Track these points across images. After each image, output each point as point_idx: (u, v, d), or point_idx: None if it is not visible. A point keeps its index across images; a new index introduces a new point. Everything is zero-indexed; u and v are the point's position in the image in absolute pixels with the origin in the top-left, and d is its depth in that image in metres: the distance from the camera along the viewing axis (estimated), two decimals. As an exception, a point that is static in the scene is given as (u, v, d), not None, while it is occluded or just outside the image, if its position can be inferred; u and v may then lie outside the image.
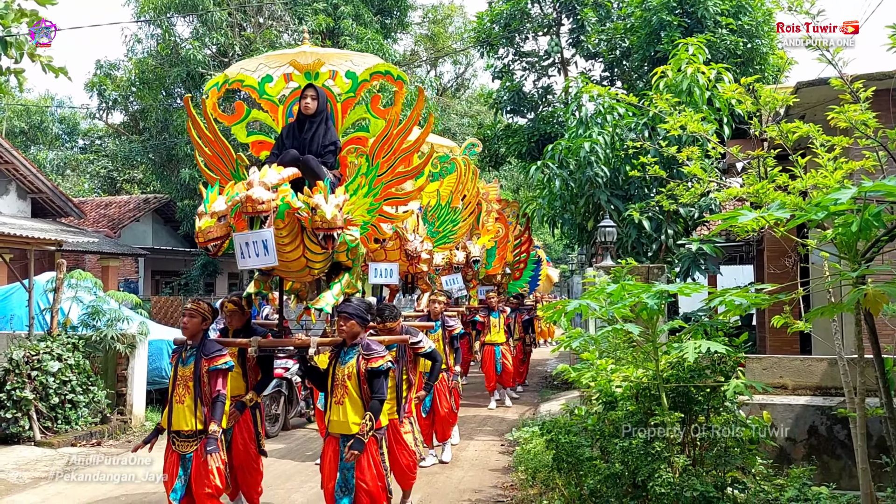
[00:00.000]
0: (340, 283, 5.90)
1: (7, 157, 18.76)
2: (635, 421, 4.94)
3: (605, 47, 17.90)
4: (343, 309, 5.49)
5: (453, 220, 10.23)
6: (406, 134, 6.01)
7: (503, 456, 9.37)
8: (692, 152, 7.89)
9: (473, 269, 12.60)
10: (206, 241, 5.12)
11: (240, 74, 6.57)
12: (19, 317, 12.47)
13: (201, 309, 5.75)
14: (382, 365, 5.34)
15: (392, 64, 6.65)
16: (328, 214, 5.16)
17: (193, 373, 5.56)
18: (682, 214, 11.20)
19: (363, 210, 6.02)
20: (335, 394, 5.42)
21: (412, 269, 9.00)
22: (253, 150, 6.65)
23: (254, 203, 4.89)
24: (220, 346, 5.69)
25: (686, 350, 4.27)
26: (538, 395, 14.64)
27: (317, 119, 6.13)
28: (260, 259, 5.03)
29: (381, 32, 23.98)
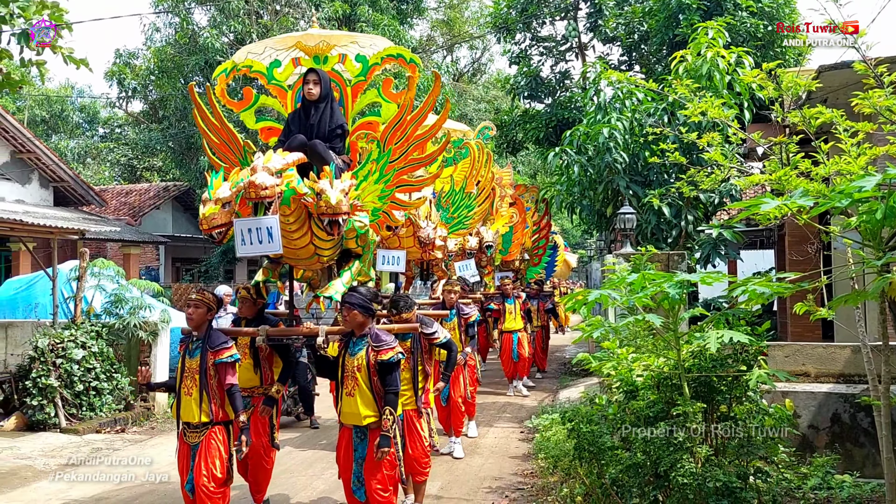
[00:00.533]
0: (350, 271, 5.81)
1: (29, 147, 18.94)
2: (656, 411, 4.93)
3: (622, 31, 17.75)
4: (346, 299, 5.38)
5: (468, 205, 10.16)
6: (421, 120, 5.90)
7: (523, 443, 9.39)
8: (713, 138, 7.84)
9: (487, 255, 12.54)
10: (209, 228, 4.99)
11: (248, 60, 6.47)
12: (43, 305, 12.61)
13: (206, 299, 5.63)
14: (392, 357, 5.23)
15: (407, 49, 6.53)
16: (333, 199, 5.06)
17: (199, 365, 5.48)
18: (702, 200, 11.11)
19: (374, 197, 5.94)
20: (346, 385, 5.34)
21: (426, 256, 8.91)
22: (262, 136, 6.59)
23: (257, 189, 4.80)
24: (225, 339, 5.59)
25: (708, 340, 4.25)
26: (557, 382, 14.63)
27: (322, 103, 6.03)
28: (263, 246, 4.93)
29: (398, 18, 23.94)
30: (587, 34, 19.20)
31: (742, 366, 4.96)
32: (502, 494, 7.22)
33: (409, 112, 5.84)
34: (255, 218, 4.89)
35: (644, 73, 17.30)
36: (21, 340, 11.90)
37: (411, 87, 5.89)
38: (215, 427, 5.50)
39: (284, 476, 7.76)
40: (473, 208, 10.21)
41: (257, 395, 6.46)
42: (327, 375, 5.65)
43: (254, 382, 6.44)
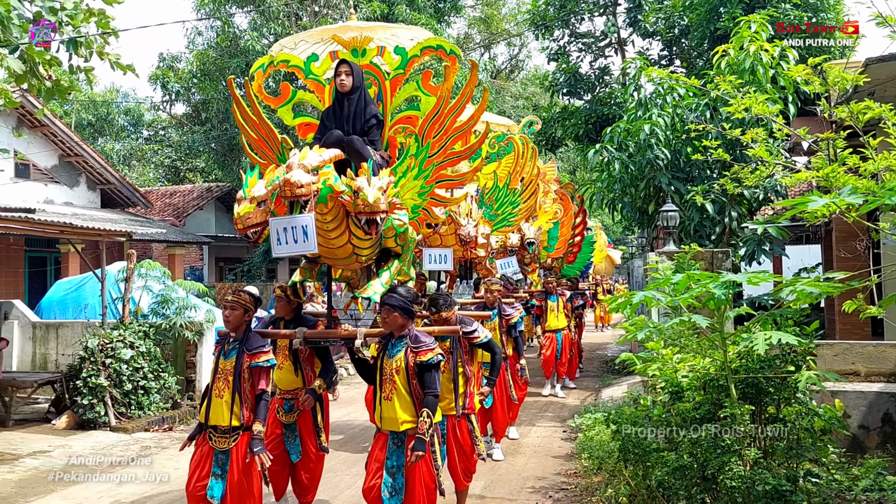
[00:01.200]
0: (389, 271, 5.60)
1: (77, 150, 19.35)
2: (703, 412, 4.89)
3: (662, 26, 17.60)
4: (386, 300, 5.14)
5: (512, 202, 9.93)
6: (458, 112, 5.63)
7: (565, 443, 9.37)
8: (757, 134, 7.73)
9: (530, 252, 12.25)
10: (244, 227, 4.82)
11: (285, 54, 6.27)
12: (93, 306, 12.89)
13: (242, 300, 5.46)
14: (432, 358, 5.00)
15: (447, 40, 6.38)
16: (370, 197, 4.85)
17: (234, 367, 5.30)
18: (746, 196, 10.97)
19: (413, 193, 5.72)
20: (384, 389, 5.11)
21: (468, 254, 8.66)
22: (299, 132, 6.45)
23: (292, 187, 4.65)
24: (263, 342, 5.44)
25: (756, 341, 4.21)
26: (599, 381, 14.55)
27: (354, 95, 5.84)
28: (299, 245, 4.76)
29: (435, 17, 23.97)
30: (626, 29, 19.08)
31: (790, 366, 4.90)
32: (546, 494, 7.21)
33: (447, 104, 5.60)
34: (290, 217, 4.76)
35: (685, 68, 17.13)
36: (71, 340, 12.18)
37: (449, 77, 5.68)
38: (245, 433, 5.30)
39: (329, 475, 7.83)
40: (518, 205, 9.97)
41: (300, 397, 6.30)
42: (366, 379, 5.48)
43: (296, 384, 6.32)
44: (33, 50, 6.92)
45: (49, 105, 15.25)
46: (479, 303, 8.93)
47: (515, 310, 9.01)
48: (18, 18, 6.71)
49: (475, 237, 8.41)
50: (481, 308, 8.61)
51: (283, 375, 6.27)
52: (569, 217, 14.29)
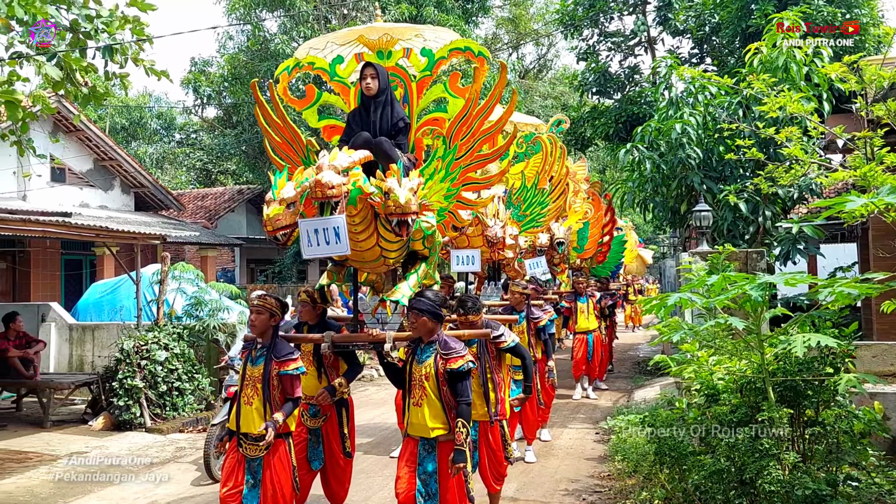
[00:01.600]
0: (417, 274, 5.48)
1: (111, 154, 19.63)
2: (740, 415, 4.84)
3: (693, 24, 17.45)
4: (414, 304, 5.06)
5: (541, 202, 9.82)
6: (487, 114, 5.51)
7: (598, 445, 9.32)
8: (791, 133, 7.65)
9: (559, 252, 12.09)
10: (274, 229, 4.78)
11: (310, 57, 6.21)
12: (128, 308, 13.07)
13: (268, 304, 5.34)
14: (463, 366, 4.89)
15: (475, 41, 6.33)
16: (402, 199, 4.78)
17: (263, 374, 5.21)
18: (780, 195, 10.84)
19: (440, 196, 5.64)
20: (413, 394, 5.03)
21: (495, 255, 8.62)
22: (324, 134, 6.35)
23: (323, 188, 4.57)
24: (291, 348, 5.37)
25: (794, 343, 4.16)
26: (631, 382, 14.45)
27: (381, 98, 5.75)
28: (331, 247, 4.71)
29: (463, 18, 23.98)
30: (656, 28, 18.92)
31: (829, 368, 4.84)
32: (579, 497, 7.18)
33: (475, 106, 5.48)
34: (321, 218, 4.70)
35: (716, 66, 16.96)
36: (107, 342, 12.36)
37: (477, 79, 5.59)
38: (276, 440, 5.21)
39: (362, 476, 7.87)
40: (547, 205, 9.85)
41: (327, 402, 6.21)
42: (395, 383, 5.41)
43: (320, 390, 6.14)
44: (70, 57, 7.04)
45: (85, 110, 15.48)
46: (506, 305, 8.73)
47: (545, 312, 8.83)
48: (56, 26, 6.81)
49: (502, 238, 8.37)
50: (508, 311, 8.47)
51: (306, 381, 6.08)
52: (599, 217, 14.14)
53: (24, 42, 6.79)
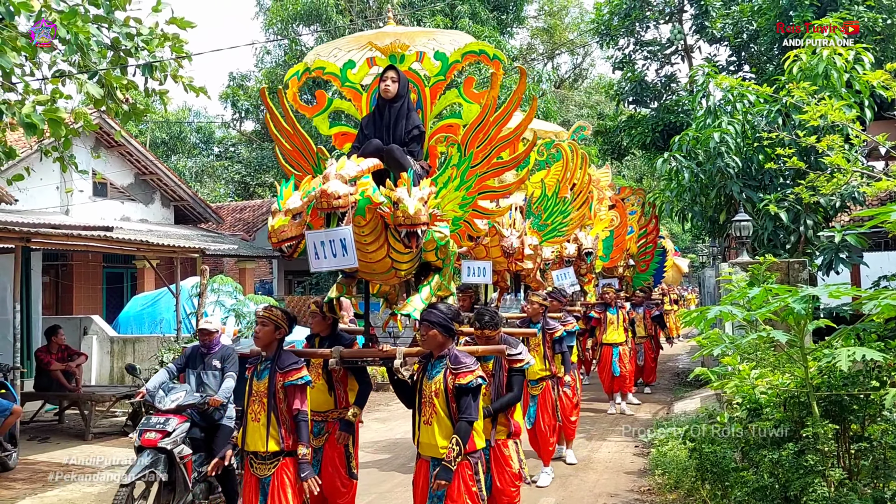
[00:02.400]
0: (430, 286, 5.29)
1: (152, 168, 19.96)
2: (784, 431, 4.74)
3: (730, 31, 17.26)
4: (425, 317, 4.82)
5: (562, 211, 9.52)
6: (505, 120, 5.29)
7: (638, 458, 9.20)
8: (833, 141, 7.52)
9: (587, 262, 11.98)
10: (279, 241, 4.58)
11: (320, 61, 5.99)
12: (168, 320, 13.23)
13: (273, 316, 5.13)
14: (472, 381, 4.64)
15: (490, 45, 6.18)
16: (411, 209, 4.57)
17: (268, 388, 5.00)
18: (821, 204, 10.65)
19: (454, 205, 5.43)
20: (423, 412, 4.79)
21: (513, 266, 8.36)
22: (336, 142, 6.13)
23: (329, 198, 4.41)
24: (296, 359, 5.13)
25: (838, 357, 4.07)
26: (671, 394, 14.27)
27: (398, 104, 5.56)
28: (337, 260, 4.54)
29: (498, 29, 24.00)
30: (693, 36, 18.78)
31: (874, 382, 4.72)
32: (619, 511, 7.10)
33: (493, 112, 5.26)
34: (328, 230, 4.53)
35: (754, 73, 16.77)
36: (147, 354, 12.52)
37: (494, 85, 5.34)
38: (286, 459, 5.02)
39: (374, 497, 7.85)
40: (569, 214, 9.54)
41: (332, 419, 5.98)
42: (405, 402, 5.11)
43: (328, 406, 5.97)
44: (111, 75, 7.18)
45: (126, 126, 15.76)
46: (524, 318, 8.37)
47: (565, 323, 8.53)
48: (97, 45, 6.95)
49: (519, 248, 8.11)
50: (526, 323, 8.17)
51: (315, 395, 5.81)
52: (624, 225, 14.00)
53: (67, 60, 6.93)
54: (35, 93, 6.87)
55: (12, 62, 5.93)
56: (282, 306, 5.43)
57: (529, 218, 9.33)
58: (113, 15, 7.14)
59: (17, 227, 9.85)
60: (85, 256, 18.25)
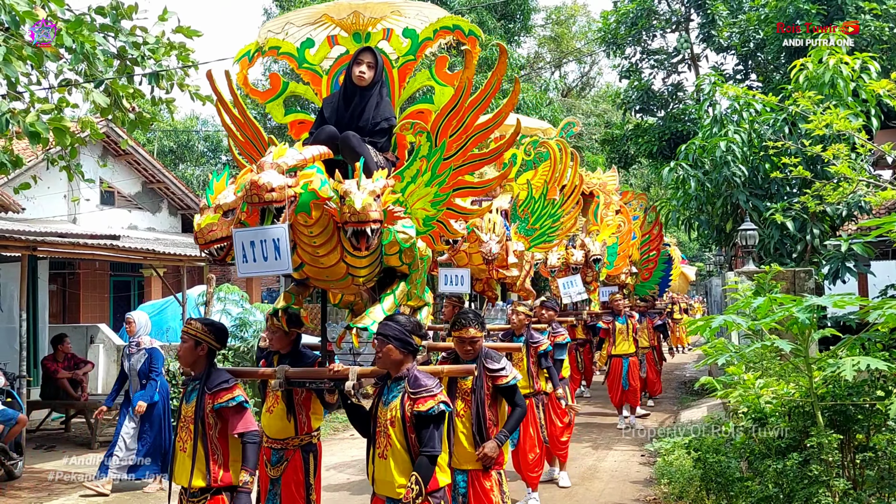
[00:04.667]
0: (394, 295, 4.58)
1: (159, 177, 20.04)
2: (788, 440, 4.72)
3: (737, 40, 17.27)
4: (380, 329, 4.11)
5: (552, 214, 8.80)
6: (483, 105, 4.55)
7: (644, 467, 9.17)
8: (839, 150, 7.50)
9: (594, 270, 11.56)
10: (206, 242, 4.08)
11: (274, 40, 5.23)
12: (174, 329, 13.25)
13: (192, 330, 4.44)
14: (433, 408, 3.87)
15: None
16: (357, 203, 3.85)
17: (195, 412, 4.30)
18: (828, 213, 10.62)
19: (425, 203, 4.71)
20: (378, 444, 4.04)
21: (497, 274, 7.78)
22: (292, 131, 5.37)
23: (260, 190, 3.71)
24: (227, 377, 4.40)
25: (843, 367, 4.05)
26: (677, 402, 14.23)
27: (370, 91, 4.85)
28: (269, 264, 3.88)
29: (505, 38, 24.05)
30: (700, 45, 18.81)
31: (880, 392, 4.70)
32: (624, 521, 7.06)
33: (468, 95, 4.51)
34: (258, 228, 3.89)
35: (761, 82, 16.77)
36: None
37: (469, 64, 4.58)
38: (216, 497, 4.29)
39: None
40: (559, 217, 8.81)
41: (292, 447, 5.29)
42: (361, 431, 4.34)
43: (287, 432, 5.27)
44: (117, 84, 7.22)
45: (132, 135, 15.84)
46: (507, 330, 7.71)
47: (556, 335, 8.02)
48: (103, 54, 6.99)
49: (501, 255, 7.56)
50: (509, 336, 7.53)
51: (272, 421, 5.30)
52: (629, 230, 13.59)
53: (73, 69, 6.97)
54: (41, 101, 6.91)
55: (18, 71, 5.97)
56: (206, 320, 4.68)
57: (515, 222, 8.76)
58: (119, 24, 7.19)
59: (24, 236, 9.90)
60: (92, 265, 18.31)
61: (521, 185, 8.95)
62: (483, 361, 5.02)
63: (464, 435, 5.05)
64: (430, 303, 5.10)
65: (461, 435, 5.04)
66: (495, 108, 4.82)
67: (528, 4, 25.41)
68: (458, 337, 5.05)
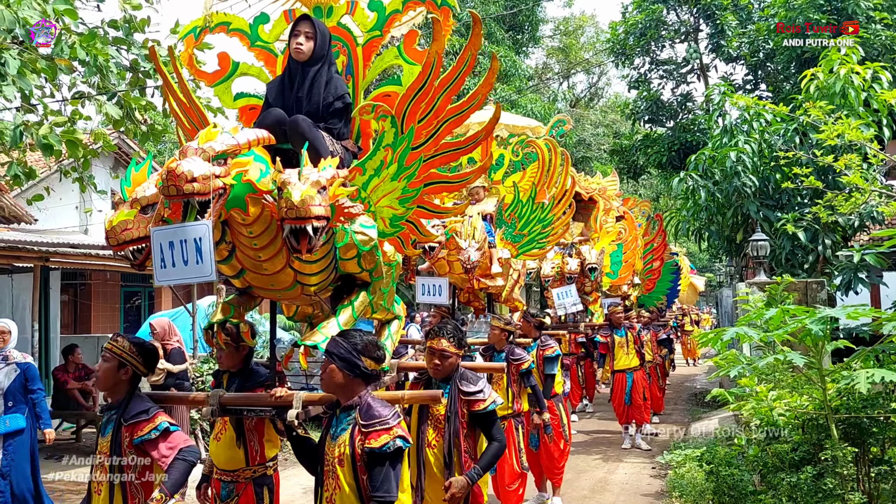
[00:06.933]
0: (352, 307, 3.95)
1: (168, 189, 20.08)
2: (802, 453, 4.69)
3: (746, 50, 17.29)
4: (328, 347, 3.44)
5: (541, 218, 8.17)
6: (455, 85, 3.89)
7: (655, 480, 9.11)
8: (850, 160, 7.48)
9: (591, 279, 11.08)
10: (119, 243, 3.45)
11: (223, 15, 4.56)
12: (185, 340, 13.25)
13: (117, 349, 3.76)
14: (387, 445, 3.19)
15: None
16: (295, 196, 3.23)
17: (110, 446, 3.64)
18: (840, 223, 10.58)
19: (392, 199, 4.07)
20: (325, 484, 3.38)
21: (477, 284, 7.23)
22: (242, 118, 4.71)
23: (179, 180, 3.07)
24: (148, 406, 3.71)
25: (857, 379, 4.03)
26: (688, 414, 14.14)
27: (314, 67, 4.19)
28: (189, 269, 3.24)
29: (513, 49, 24.12)
30: (709, 55, 18.82)
31: (894, 404, 4.67)
32: (636, 534, 7.01)
33: (437, 73, 3.86)
34: (177, 226, 3.23)
35: (771, 92, 16.76)
36: (164, 374, 12.55)
37: (437, 36, 3.95)
38: None
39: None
40: (549, 222, 8.14)
41: (243, 479, 4.58)
42: (308, 467, 3.65)
43: (237, 462, 4.55)
44: (129, 96, 7.27)
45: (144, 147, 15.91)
46: (487, 344, 6.92)
47: (545, 348, 7.34)
48: (116, 67, 7.04)
49: (482, 263, 7.02)
50: (490, 352, 6.75)
51: (220, 449, 4.63)
52: (634, 238, 13.09)
53: (87, 82, 7.03)
54: (54, 114, 6.97)
55: (32, 84, 6.02)
56: (136, 339, 4.01)
57: (501, 227, 8.16)
58: (132, 37, 7.24)
59: (37, 247, 9.95)
60: (103, 275, 18.36)
61: (508, 187, 8.40)
62: (458, 383, 4.38)
63: (437, 469, 4.38)
64: (400, 316, 4.52)
65: (434, 469, 4.38)
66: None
67: (537, 15, 25.53)
68: (428, 348, 4.47)
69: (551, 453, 7.48)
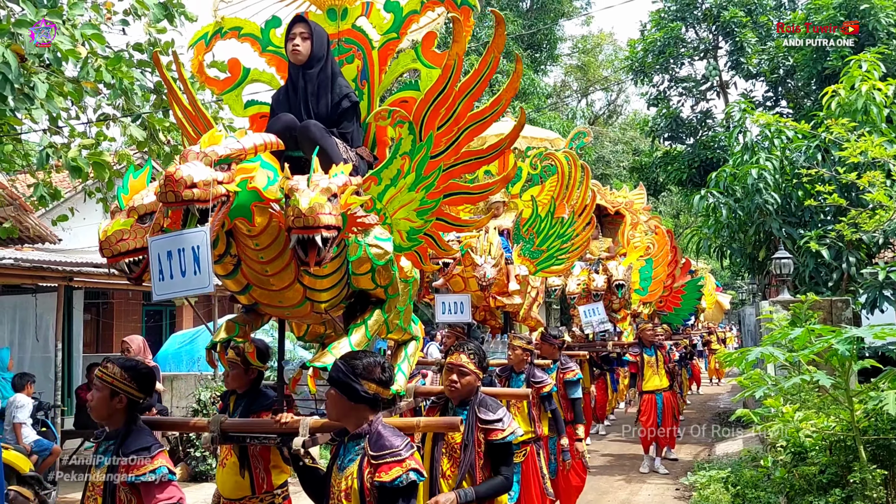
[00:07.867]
0: (365, 326, 3.70)
1: (191, 208, 20.25)
2: (830, 476, 4.63)
3: (766, 67, 17.25)
4: (331, 371, 3.14)
5: (560, 234, 7.90)
6: (477, 90, 3.70)
7: (679, 502, 9.00)
8: (874, 177, 7.43)
9: (619, 296, 10.80)
10: (114, 255, 3.22)
11: (235, 20, 4.39)
12: (205, 359, 13.32)
13: (108, 376, 3.37)
14: (400, 478, 2.90)
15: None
16: (303, 203, 3.01)
17: (104, 486, 3.31)
18: (864, 241, 10.48)
19: (409, 211, 3.83)
20: None
21: (495, 302, 6.99)
22: (253, 126, 4.47)
23: (177, 185, 2.87)
24: (149, 442, 3.32)
25: (886, 400, 3.98)
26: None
27: (314, 69, 4.02)
28: (187, 281, 3.00)
29: (532, 67, 24.19)
30: (728, 72, 18.82)
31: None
32: (660, 556, 6.93)
33: (458, 77, 3.66)
34: (174, 234, 3.02)
35: (791, 109, 16.71)
36: (185, 392, 12.60)
37: (458, 38, 3.73)
38: None
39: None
40: (569, 238, 7.86)
41: None
42: (313, 498, 3.38)
43: (242, 491, 4.39)
44: (154, 117, 7.35)
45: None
46: (505, 366, 6.54)
47: (566, 371, 6.99)
48: (140, 89, 7.13)
49: (498, 280, 6.78)
50: (507, 372, 6.36)
51: (225, 476, 4.47)
52: (665, 252, 12.66)
53: (111, 104, 7.12)
54: (81, 136, 7.06)
55: (59, 107, 6.11)
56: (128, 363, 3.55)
57: (519, 243, 7.88)
58: (156, 60, 7.33)
59: (61, 267, 10.05)
60: (125, 294, 18.49)
61: (526, 201, 8.15)
62: (476, 410, 3.98)
63: None
64: (418, 336, 4.29)
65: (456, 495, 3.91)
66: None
67: (555, 34, 25.64)
68: (448, 364, 4.13)
69: (569, 482, 7.08)
